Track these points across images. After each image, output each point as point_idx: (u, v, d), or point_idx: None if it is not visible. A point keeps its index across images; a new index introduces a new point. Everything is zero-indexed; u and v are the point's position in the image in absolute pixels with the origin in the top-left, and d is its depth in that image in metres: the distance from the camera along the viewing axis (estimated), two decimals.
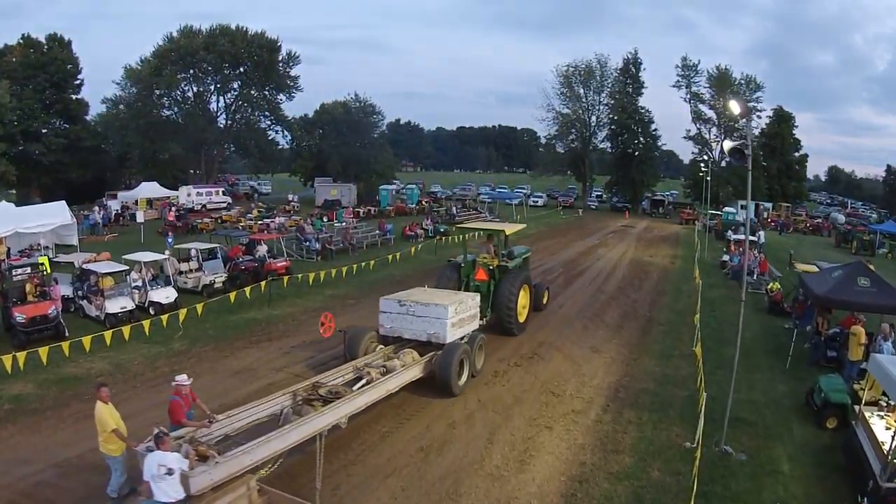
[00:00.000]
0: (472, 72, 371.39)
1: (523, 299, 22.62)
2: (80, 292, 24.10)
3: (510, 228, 25.89)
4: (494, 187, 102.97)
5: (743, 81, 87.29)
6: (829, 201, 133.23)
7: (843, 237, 60.17)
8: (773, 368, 20.50)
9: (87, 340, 18.89)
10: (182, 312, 22.19)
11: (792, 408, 17.18)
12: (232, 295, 25.00)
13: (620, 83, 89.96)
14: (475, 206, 72.04)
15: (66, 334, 20.28)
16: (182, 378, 11.50)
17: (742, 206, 69.72)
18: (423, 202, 71.36)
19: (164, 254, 27.59)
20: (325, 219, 51.98)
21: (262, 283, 27.27)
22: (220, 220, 51.54)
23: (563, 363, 19.74)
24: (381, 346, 17.44)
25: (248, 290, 25.69)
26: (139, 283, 24.60)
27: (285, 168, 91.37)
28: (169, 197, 59.17)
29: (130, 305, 23.14)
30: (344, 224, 47.48)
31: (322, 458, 11.02)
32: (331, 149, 78.44)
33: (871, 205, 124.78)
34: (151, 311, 23.75)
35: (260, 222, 49.45)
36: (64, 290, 23.91)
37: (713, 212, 69.12)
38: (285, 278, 28.53)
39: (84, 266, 24.76)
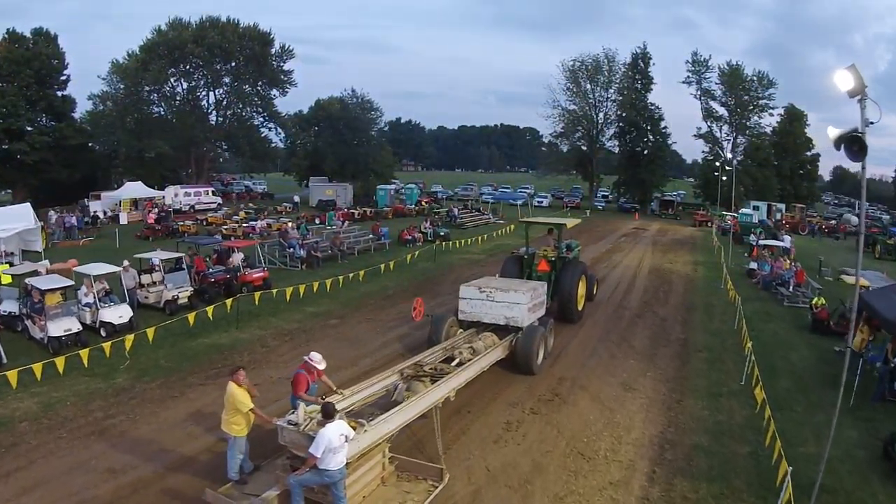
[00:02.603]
0: (472, 71, 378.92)
1: (581, 289, 23.92)
2: (24, 310, 20.37)
3: (570, 222, 27.49)
4: (497, 187, 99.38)
5: (755, 78, 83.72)
6: (836, 202, 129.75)
7: (865, 241, 56.08)
8: (834, 406, 16.53)
9: (12, 375, 15.31)
10: (129, 339, 18.18)
11: (869, 462, 13.65)
12: (191, 316, 20.88)
13: (629, 79, 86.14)
14: (478, 206, 68.42)
15: (3, 361, 17.40)
16: (316, 357, 11.76)
17: (755, 207, 66.39)
18: (423, 203, 68.20)
19: (121, 265, 23.46)
20: (317, 220, 48.74)
21: (236, 297, 23.56)
22: (205, 223, 48.13)
23: (590, 407, 15.70)
24: (461, 331, 18.42)
25: (210, 309, 21.49)
26: (90, 300, 20.81)
27: (280, 167, 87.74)
28: (155, 198, 55.87)
29: (76, 327, 19.31)
30: (334, 228, 43.31)
31: (439, 426, 12.08)
32: (327, 147, 75.27)
33: (879, 205, 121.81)
34: (103, 333, 20.11)
35: (245, 225, 45.64)
36: (9, 306, 20.76)
37: (728, 213, 65.65)
38: (256, 295, 24.11)
39: (27, 280, 20.99)
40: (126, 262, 23.88)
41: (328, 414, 9.60)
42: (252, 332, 21.41)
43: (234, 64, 71.82)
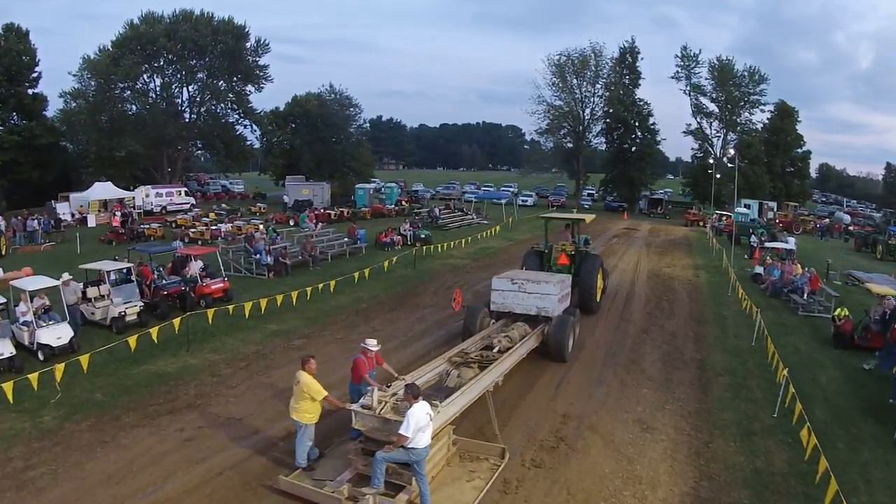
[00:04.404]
0: (454, 70, 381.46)
1: (599, 281, 24.73)
2: None
3: (588, 217, 28.02)
4: (480, 186, 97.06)
5: (746, 73, 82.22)
6: (824, 199, 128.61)
7: (864, 241, 54.29)
8: (878, 439, 14.46)
9: None
10: (59, 368, 15.14)
11: None
12: (132, 339, 17.83)
13: (616, 74, 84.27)
14: (460, 206, 65.81)
15: None
16: (371, 342, 12.84)
17: (746, 206, 64.59)
18: (403, 202, 65.86)
19: (61, 277, 20.60)
20: (291, 222, 46.46)
21: (198, 312, 20.90)
22: (173, 225, 45.40)
23: (603, 455, 13.03)
24: (493, 321, 19.17)
25: (154, 330, 18.57)
26: (28, 319, 18.15)
27: (256, 166, 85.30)
28: (124, 199, 53.33)
29: (8, 351, 16.78)
30: (306, 230, 40.30)
31: (493, 409, 13.09)
32: (304, 145, 72.91)
33: (866, 203, 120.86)
34: (40, 357, 17.66)
35: (215, 228, 42.81)
36: None
37: (721, 212, 63.81)
38: (210, 312, 20.88)
39: None
40: (66, 275, 20.96)
41: (416, 395, 10.07)
42: (204, 357, 18.52)
43: (207, 59, 69.87)
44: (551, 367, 18.06)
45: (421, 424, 9.71)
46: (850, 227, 67.17)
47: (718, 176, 65.76)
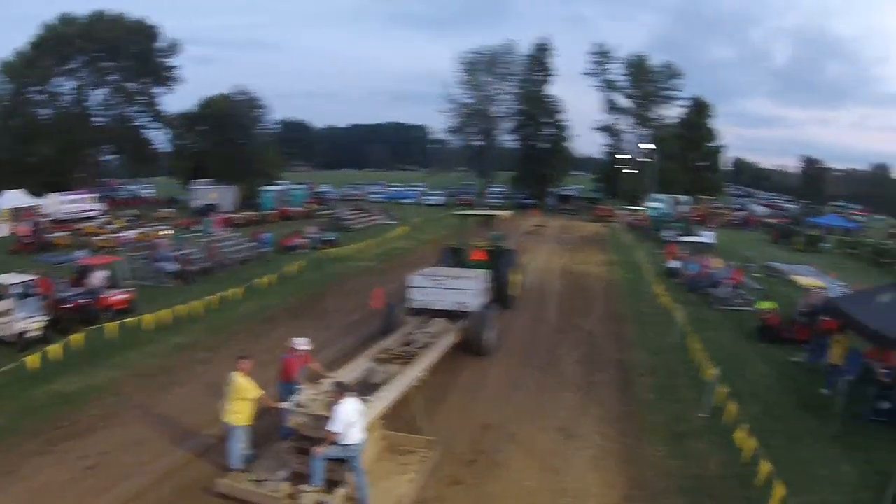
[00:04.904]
0: (364, 70, 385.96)
1: (516, 276, 26.29)
2: None
3: (503, 213, 30.60)
4: (387, 186, 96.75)
5: (661, 69, 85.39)
6: (737, 192, 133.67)
7: (782, 233, 56.43)
8: (816, 434, 14.66)
9: None
10: None
11: None
12: (31, 358, 16.65)
13: (528, 71, 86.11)
14: (367, 207, 65.68)
15: None
16: (301, 341, 13.30)
17: (658, 200, 66.30)
18: (311, 204, 65.96)
19: None
20: (199, 227, 44.89)
21: (105, 324, 20.01)
22: (81, 233, 43.57)
23: (527, 468, 12.56)
24: (411, 319, 19.44)
25: (53, 348, 17.47)
26: None
27: (166, 170, 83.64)
28: (35, 207, 51.14)
29: None
30: (211, 235, 38.91)
31: (420, 403, 13.78)
32: (212, 147, 71.91)
33: (782, 195, 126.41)
34: None
35: (120, 235, 41.09)
36: None
37: (633, 207, 65.28)
38: (112, 325, 19.89)
39: None
40: None
41: (345, 391, 10.60)
42: (107, 374, 17.38)
43: (119, 62, 69.60)
44: (466, 373, 17.70)
45: (350, 420, 10.22)
46: (772, 221, 69.74)
47: (631, 171, 67.23)
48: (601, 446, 13.62)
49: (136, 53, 69.25)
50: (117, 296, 23.40)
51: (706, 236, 40.32)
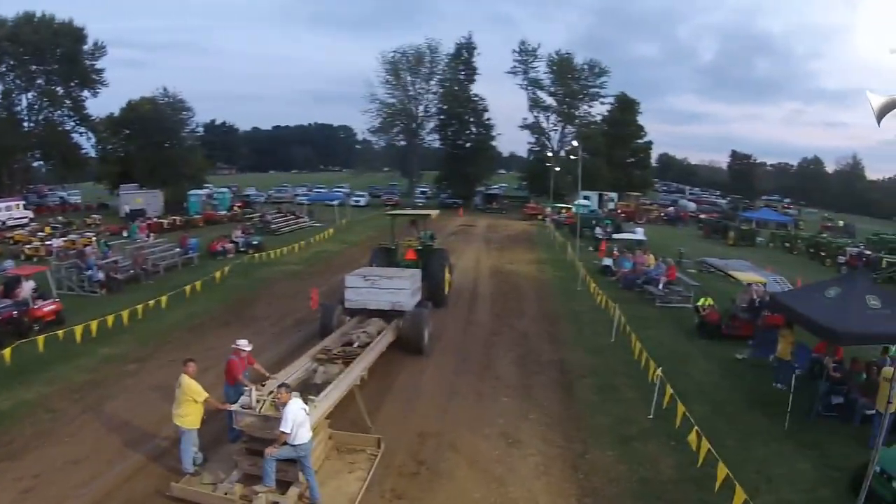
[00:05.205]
0: (288, 71, 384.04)
1: (447, 274, 27.11)
2: None
3: (434, 212, 31.06)
4: (312, 188, 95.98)
5: (586, 66, 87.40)
6: (665, 188, 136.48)
7: (713, 227, 57.66)
8: (769, 432, 14.73)
9: None
10: None
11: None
12: None
13: (452, 70, 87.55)
14: (292, 209, 64.96)
15: None
16: (243, 343, 13.48)
17: (585, 197, 67.24)
18: (236, 208, 65.55)
19: None
20: (124, 233, 44.30)
21: (34, 337, 19.42)
22: (10, 241, 42.59)
23: (470, 478, 12.20)
24: (348, 318, 20.14)
25: None
26: None
27: (92, 175, 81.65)
28: None
29: None
30: (138, 242, 37.74)
31: (362, 401, 14.21)
32: (137, 151, 71.53)
33: (712, 191, 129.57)
34: None
35: (48, 243, 39.60)
36: None
37: (561, 205, 65.94)
38: (39, 339, 18.94)
39: None
40: None
41: (290, 391, 11.12)
42: (37, 390, 16.57)
43: (46, 65, 69.11)
44: (400, 379, 17.45)
45: (299, 419, 10.55)
46: (702, 216, 71.20)
47: (557, 169, 67.86)
48: (545, 452, 13.35)
49: (63, 56, 68.98)
50: (45, 307, 22.88)
51: (637, 233, 40.64)
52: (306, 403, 11.16)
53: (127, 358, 19.52)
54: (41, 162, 79.93)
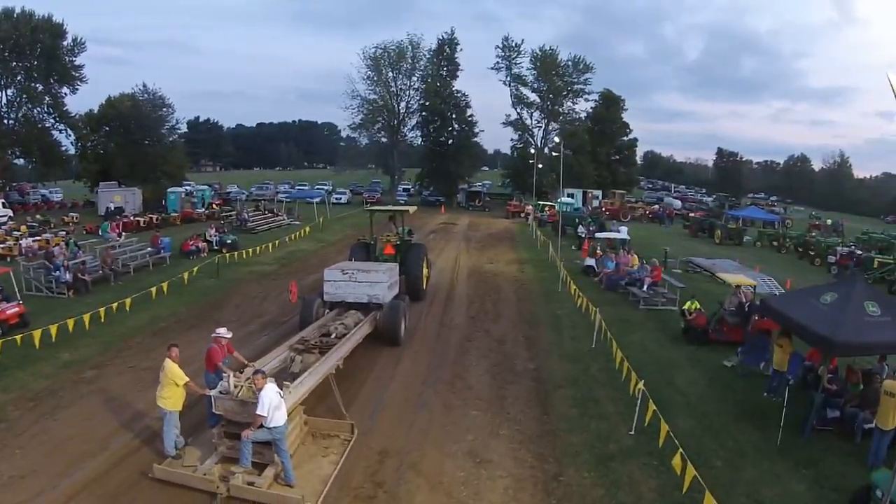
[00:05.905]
0: (272, 69, 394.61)
1: (425, 269, 27.75)
2: None
3: (411, 208, 32.13)
4: (294, 185, 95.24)
5: (570, 63, 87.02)
6: (650, 186, 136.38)
7: (700, 226, 57.05)
8: (760, 449, 13.82)
9: None
10: None
11: None
12: None
13: (434, 66, 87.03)
14: (271, 207, 64.24)
15: None
16: (222, 331, 14.36)
17: (569, 195, 66.56)
18: (215, 206, 64.57)
19: None
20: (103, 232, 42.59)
21: None
22: None
23: (432, 502, 11.21)
24: (327, 311, 20.88)
25: None
26: None
27: (72, 173, 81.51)
28: None
29: None
30: (108, 241, 36.69)
31: (338, 390, 14.54)
32: (117, 148, 71.21)
33: (698, 189, 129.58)
34: None
35: (21, 242, 38.56)
36: None
37: (544, 203, 65.23)
38: None
39: None
40: None
41: (258, 377, 11.51)
42: None
43: (25, 61, 69.52)
44: (364, 392, 16.53)
45: (275, 403, 11.16)
46: (690, 214, 70.64)
47: (540, 166, 67.19)
48: (516, 474, 12.38)
49: (43, 52, 69.05)
50: (8, 310, 22.12)
51: (621, 232, 39.75)
52: (281, 389, 11.80)
53: (86, 364, 18.69)
54: (21, 160, 79.81)
